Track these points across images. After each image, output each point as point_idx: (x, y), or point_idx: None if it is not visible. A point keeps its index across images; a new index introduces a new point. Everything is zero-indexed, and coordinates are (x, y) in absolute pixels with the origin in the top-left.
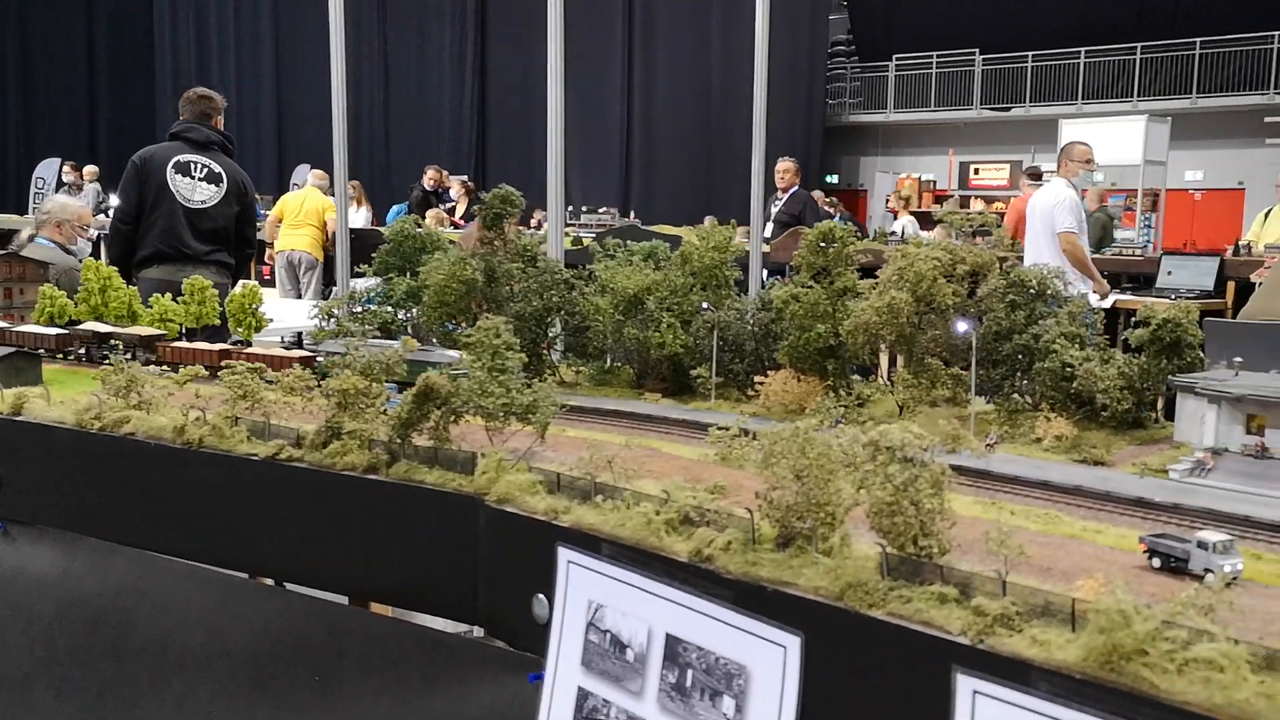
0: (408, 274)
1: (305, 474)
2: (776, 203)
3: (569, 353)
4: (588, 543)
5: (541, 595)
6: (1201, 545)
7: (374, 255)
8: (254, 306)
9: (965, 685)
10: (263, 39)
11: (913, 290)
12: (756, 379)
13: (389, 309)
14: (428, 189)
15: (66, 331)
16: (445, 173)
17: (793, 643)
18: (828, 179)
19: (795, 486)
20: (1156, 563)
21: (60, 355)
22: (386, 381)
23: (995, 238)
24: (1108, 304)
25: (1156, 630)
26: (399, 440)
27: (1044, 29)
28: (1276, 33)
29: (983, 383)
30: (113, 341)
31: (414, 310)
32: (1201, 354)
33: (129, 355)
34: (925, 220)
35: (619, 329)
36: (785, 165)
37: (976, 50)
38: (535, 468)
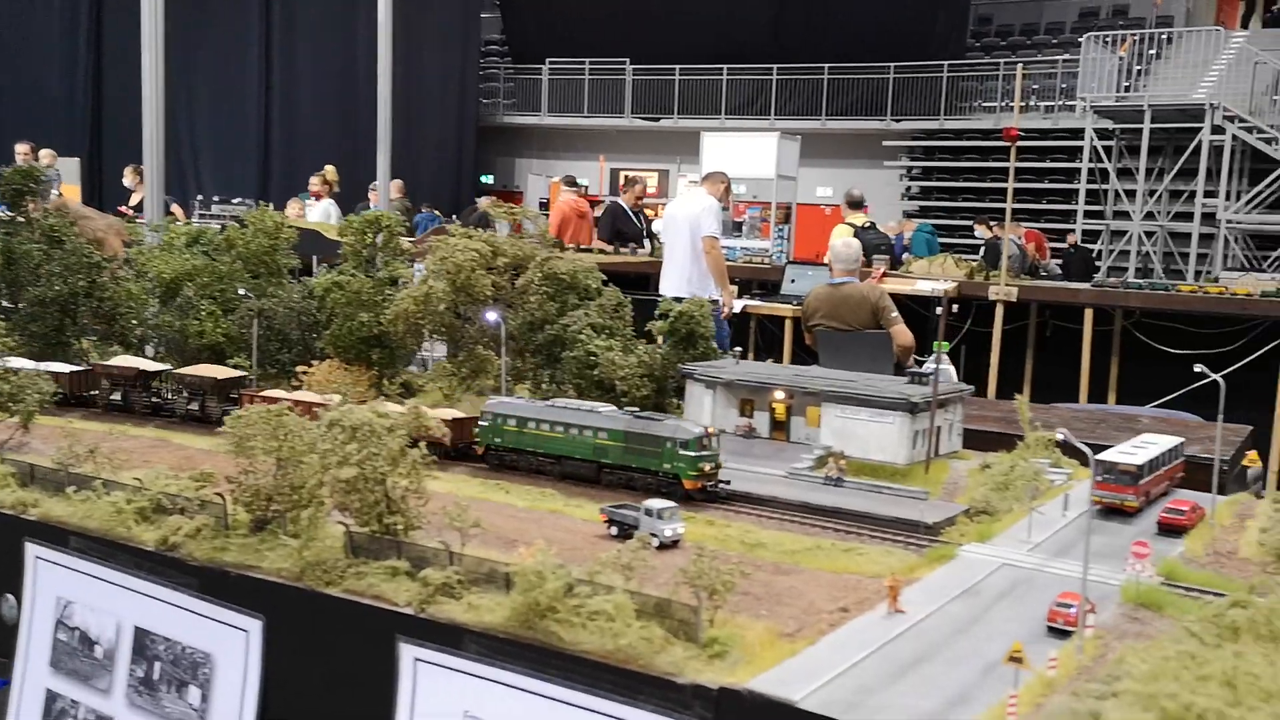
0: None
1: None
2: None
3: (103, 340)
4: (56, 536)
5: (10, 596)
6: (648, 512)
7: None
8: None
9: (408, 653)
10: None
11: (451, 281)
12: (299, 369)
13: None
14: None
15: (87, 368)
16: (51, 151)
17: (254, 626)
18: (483, 179)
19: (270, 469)
20: (615, 531)
21: (74, 400)
22: None
23: (538, 232)
24: (737, 308)
25: (565, 588)
26: None
27: (690, 45)
28: (892, 64)
29: (521, 371)
30: (159, 384)
31: None
32: (714, 345)
33: (194, 404)
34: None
35: (155, 316)
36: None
37: (627, 60)
38: (8, 459)
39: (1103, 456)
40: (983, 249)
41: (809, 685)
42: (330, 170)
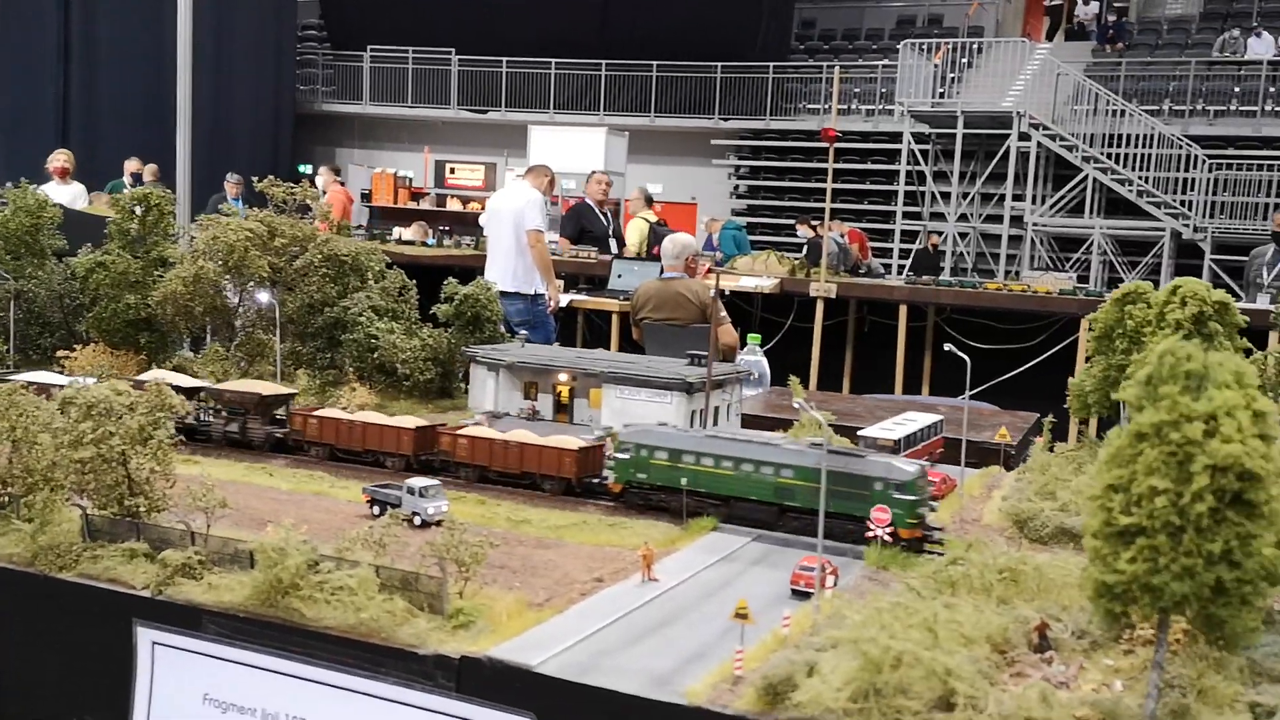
0: None
1: None
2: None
3: None
4: None
5: None
6: (410, 491)
7: None
8: None
9: (145, 637)
10: None
11: (224, 261)
12: (61, 354)
13: None
14: None
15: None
16: None
17: None
18: (300, 168)
19: (3, 452)
20: (377, 510)
21: None
22: None
23: (318, 212)
24: (565, 302)
25: (308, 564)
26: None
27: (517, 38)
28: (719, 64)
29: (301, 355)
30: (200, 403)
31: None
32: (502, 329)
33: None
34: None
35: None
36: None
37: (453, 50)
38: None
39: (864, 432)
40: (805, 247)
41: (549, 651)
42: (68, 153)
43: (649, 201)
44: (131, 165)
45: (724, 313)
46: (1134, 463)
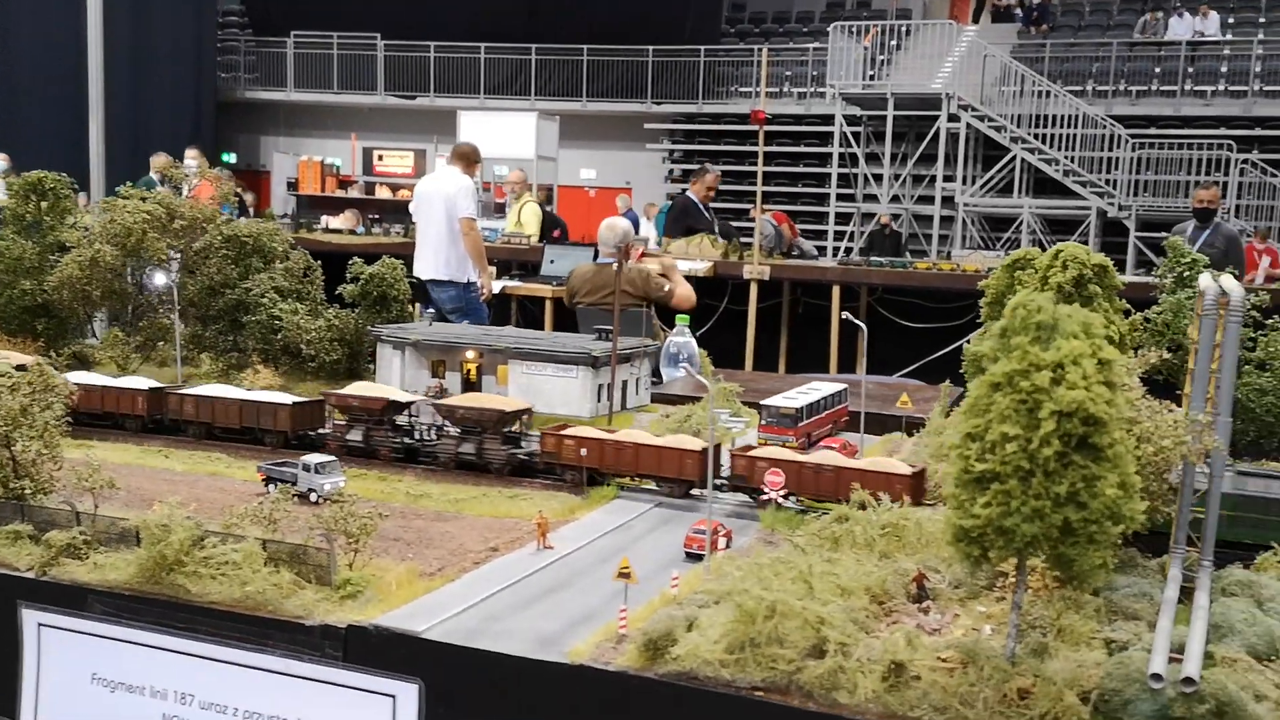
0: None
1: None
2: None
3: None
4: None
5: None
6: (305, 467)
7: None
8: None
9: (30, 619)
10: None
11: (122, 244)
12: None
13: None
14: None
15: (315, 400)
16: None
17: None
18: (224, 157)
19: None
20: (272, 488)
21: (294, 441)
22: None
23: (220, 194)
24: (496, 289)
25: (194, 540)
26: None
27: (444, 22)
28: (651, 48)
29: (204, 338)
30: (411, 420)
31: None
32: (410, 307)
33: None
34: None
35: None
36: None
37: (378, 35)
38: None
39: (766, 402)
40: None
41: (437, 617)
42: None
43: (528, 185)
44: (158, 161)
45: (668, 282)
46: (988, 411)
